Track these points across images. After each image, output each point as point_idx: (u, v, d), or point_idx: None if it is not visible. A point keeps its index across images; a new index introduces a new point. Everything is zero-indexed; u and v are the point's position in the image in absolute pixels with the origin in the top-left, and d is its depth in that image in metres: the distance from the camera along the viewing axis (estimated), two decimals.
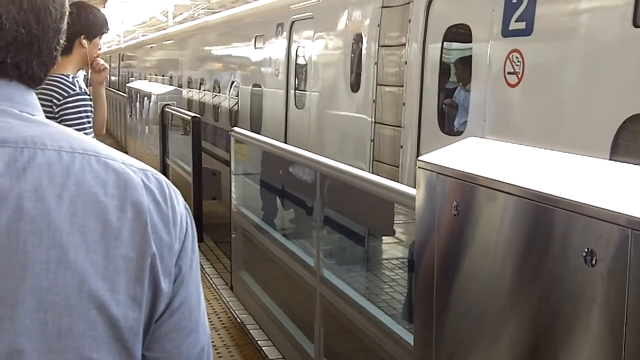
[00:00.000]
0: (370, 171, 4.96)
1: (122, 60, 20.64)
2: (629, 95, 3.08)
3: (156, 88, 9.48)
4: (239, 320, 4.71)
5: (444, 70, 4.51)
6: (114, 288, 0.79)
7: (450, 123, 4.49)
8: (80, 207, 0.79)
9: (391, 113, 4.99)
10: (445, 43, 4.45)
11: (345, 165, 3.42)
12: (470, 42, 4.14)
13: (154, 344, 0.86)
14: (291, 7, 7.12)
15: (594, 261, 1.38)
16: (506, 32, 3.70)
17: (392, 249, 3.92)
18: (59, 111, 3.26)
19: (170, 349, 0.87)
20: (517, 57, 3.61)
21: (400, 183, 3.46)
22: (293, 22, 6.97)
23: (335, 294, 3.43)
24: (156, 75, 14.56)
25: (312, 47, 6.51)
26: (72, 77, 3.36)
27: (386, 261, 4.09)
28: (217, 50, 10.48)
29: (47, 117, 0.84)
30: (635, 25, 2.99)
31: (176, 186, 0.91)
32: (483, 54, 3.94)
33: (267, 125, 7.61)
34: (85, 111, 3.31)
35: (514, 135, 3.58)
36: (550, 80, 3.53)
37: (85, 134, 3.25)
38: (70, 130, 0.87)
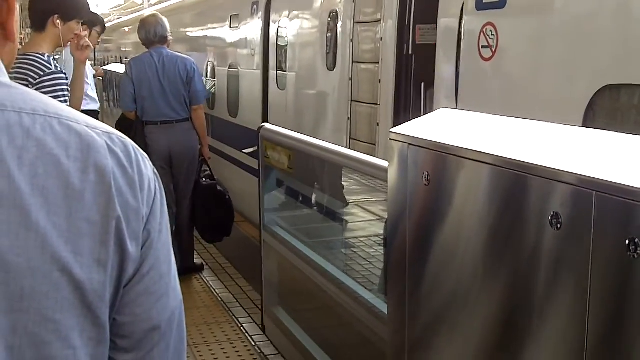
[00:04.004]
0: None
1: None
2: (601, 66, 3.10)
3: None
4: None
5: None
6: (77, 250, 0.79)
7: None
8: (42, 169, 0.78)
9: (367, 91, 4.98)
10: None
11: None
12: None
13: (124, 308, 0.86)
14: None
15: (559, 224, 1.40)
16: (480, 6, 3.70)
17: None
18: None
19: (140, 313, 0.87)
20: (491, 31, 3.62)
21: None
22: (268, 1, 6.92)
23: None
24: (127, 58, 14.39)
25: (288, 25, 6.47)
26: (48, 56, 3.33)
27: None
28: (193, 32, 10.38)
29: None
30: None
31: None
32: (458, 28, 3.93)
33: (244, 107, 7.58)
34: (62, 90, 3.28)
35: (488, 108, 3.59)
36: (524, 52, 3.54)
37: None
38: (34, 92, 0.86)
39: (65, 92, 3.31)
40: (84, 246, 0.80)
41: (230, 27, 8.10)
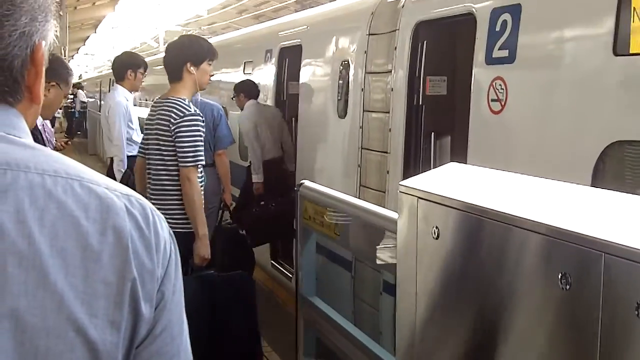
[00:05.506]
0: (357, 197, 4.98)
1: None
2: (610, 123, 3.13)
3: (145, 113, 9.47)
4: None
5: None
6: (92, 312, 0.80)
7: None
8: (61, 231, 0.80)
9: (378, 139, 5.03)
10: None
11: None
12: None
13: None
14: (280, 34, 7.20)
15: (568, 285, 1.40)
16: (490, 60, 3.75)
17: None
18: (174, 129, 3.66)
19: None
20: (500, 85, 3.67)
21: (386, 208, 3.43)
22: (281, 49, 7.04)
23: None
24: (147, 100, 14.58)
25: (300, 73, 6.57)
26: (188, 101, 3.79)
27: None
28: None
29: (164, 135, 0.83)
30: (616, 54, 3.05)
31: None
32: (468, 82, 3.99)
33: None
34: (198, 131, 3.69)
35: (497, 161, 3.61)
36: (533, 107, 3.58)
37: (197, 150, 3.67)
38: (57, 154, 0.88)
39: (201, 130, 3.71)
40: (99, 307, 0.81)
41: (244, 72, 8.22)
